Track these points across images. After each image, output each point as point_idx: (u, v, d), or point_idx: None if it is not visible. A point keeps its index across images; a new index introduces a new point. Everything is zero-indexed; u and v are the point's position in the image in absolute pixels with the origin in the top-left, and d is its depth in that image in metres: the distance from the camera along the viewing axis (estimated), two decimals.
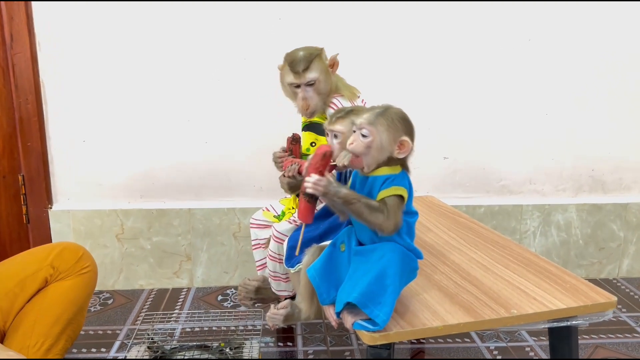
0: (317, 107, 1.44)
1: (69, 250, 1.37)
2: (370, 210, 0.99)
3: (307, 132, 1.50)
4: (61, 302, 1.31)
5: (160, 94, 2.01)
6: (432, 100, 2.09)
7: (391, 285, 0.99)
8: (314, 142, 1.48)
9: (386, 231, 1.00)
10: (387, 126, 1.01)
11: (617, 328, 1.88)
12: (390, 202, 0.99)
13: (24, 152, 2.00)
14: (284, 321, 1.18)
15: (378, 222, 0.99)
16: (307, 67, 1.40)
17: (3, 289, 1.28)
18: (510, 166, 2.18)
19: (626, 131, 2.19)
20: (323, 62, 1.43)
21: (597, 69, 2.12)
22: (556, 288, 1.20)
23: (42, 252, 1.36)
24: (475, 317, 1.08)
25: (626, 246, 2.27)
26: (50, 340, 1.27)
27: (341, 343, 1.76)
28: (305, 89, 1.42)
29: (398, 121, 1.02)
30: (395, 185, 1.00)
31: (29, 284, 1.31)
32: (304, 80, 1.41)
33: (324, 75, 1.42)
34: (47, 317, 1.28)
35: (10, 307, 1.28)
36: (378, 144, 1.01)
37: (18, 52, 1.92)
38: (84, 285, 1.37)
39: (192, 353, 1.59)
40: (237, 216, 2.10)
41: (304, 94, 1.43)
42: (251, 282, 1.68)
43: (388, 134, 1.01)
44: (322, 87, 1.42)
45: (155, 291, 2.13)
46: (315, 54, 1.42)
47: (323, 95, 1.43)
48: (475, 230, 1.55)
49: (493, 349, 1.74)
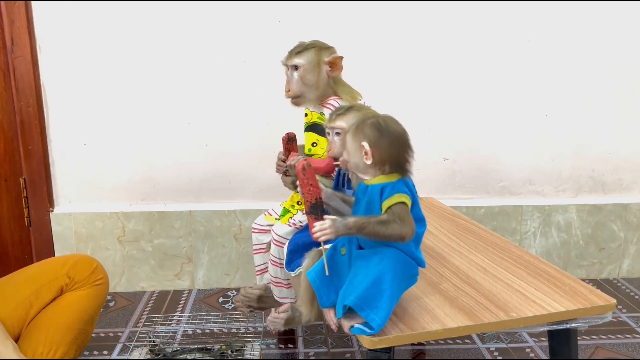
0: (297, 93, 1.44)
1: (83, 262, 1.41)
2: (384, 226, 0.99)
3: (309, 133, 1.51)
4: (75, 310, 1.35)
5: (160, 97, 2.02)
6: (432, 101, 2.10)
7: (388, 290, 1.00)
8: (315, 143, 1.49)
9: (407, 238, 1.00)
10: (353, 132, 1.05)
11: (618, 329, 1.89)
12: (397, 209, 1.00)
13: (25, 156, 2.01)
14: (285, 325, 1.19)
15: (396, 232, 0.99)
16: (299, 52, 1.43)
17: (20, 296, 1.32)
18: (510, 167, 2.19)
19: (626, 131, 2.19)
20: (318, 55, 1.43)
21: (597, 70, 2.12)
22: (555, 291, 1.20)
23: (57, 263, 1.41)
24: (474, 320, 1.08)
25: (626, 246, 2.27)
26: (63, 347, 1.29)
27: (342, 345, 1.77)
28: (291, 72, 1.44)
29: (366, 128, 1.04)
30: (396, 193, 1.00)
31: (44, 292, 1.35)
32: (289, 62, 1.43)
33: (311, 66, 1.42)
34: (60, 325, 1.31)
35: (25, 314, 1.31)
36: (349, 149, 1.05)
37: (19, 56, 1.93)
38: (97, 295, 1.41)
39: (193, 356, 1.60)
40: (238, 218, 2.11)
41: (288, 77, 1.45)
42: (253, 290, 1.67)
43: (353, 140, 1.05)
44: (306, 77, 1.43)
45: (157, 293, 2.14)
46: (316, 46, 1.44)
47: (309, 86, 1.44)
48: (475, 232, 1.56)
49: (493, 350, 1.74)
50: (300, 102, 1.47)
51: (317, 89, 1.44)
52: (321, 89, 1.45)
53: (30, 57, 1.93)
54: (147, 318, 1.93)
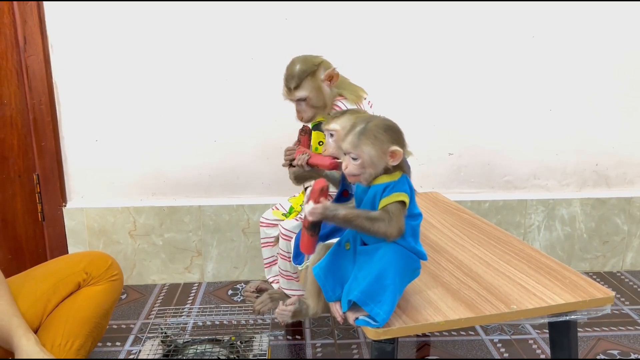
0: (311, 117, 1.49)
1: (99, 258, 1.47)
2: (371, 222, 1.02)
3: (316, 132, 1.55)
4: (92, 304, 1.40)
5: (170, 94, 2.05)
6: (437, 97, 2.12)
7: (391, 285, 1.03)
8: (321, 142, 1.52)
9: (391, 237, 1.03)
10: (371, 143, 1.03)
11: (620, 321, 1.91)
12: (392, 208, 1.03)
13: (38, 152, 2.05)
14: (293, 317, 1.22)
15: (381, 230, 1.02)
16: (297, 86, 1.44)
17: (38, 290, 1.37)
18: (515, 162, 2.21)
19: (629, 126, 2.21)
20: (316, 80, 1.45)
21: (600, 65, 2.14)
22: (555, 284, 1.23)
23: (74, 259, 1.46)
24: (476, 312, 1.12)
25: (630, 240, 2.29)
26: (80, 339, 1.34)
27: (348, 336, 1.81)
28: (298, 103, 1.47)
29: (381, 133, 1.04)
30: (395, 192, 1.03)
31: (62, 287, 1.40)
32: (294, 98, 1.46)
33: (315, 93, 1.45)
34: (78, 318, 1.36)
35: (43, 308, 1.36)
36: (368, 161, 1.04)
37: (31, 55, 1.97)
38: (113, 291, 1.47)
39: (204, 347, 1.64)
40: (246, 212, 2.15)
41: (297, 107, 1.49)
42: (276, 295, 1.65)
43: (374, 149, 1.03)
44: (314, 102, 1.46)
45: (168, 286, 2.18)
46: (309, 72, 1.44)
47: (318, 108, 1.48)
48: (478, 226, 1.59)
49: (497, 342, 1.78)
50: (313, 119, 1.51)
51: (326, 104, 1.49)
52: (329, 101, 1.49)
53: (42, 56, 1.98)
54: (159, 310, 1.98)
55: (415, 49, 2.07)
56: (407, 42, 2.06)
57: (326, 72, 1.46)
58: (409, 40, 2.06)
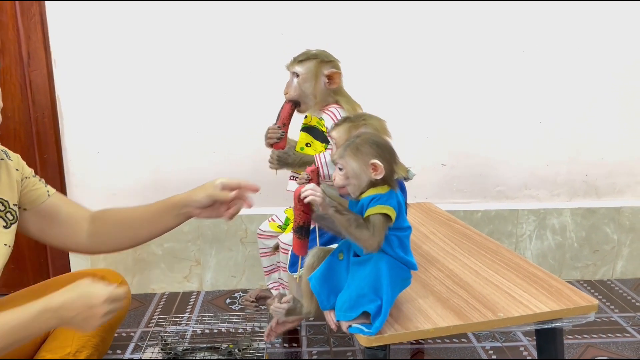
0: (294, 96, 1.54)
1: (111, 275, 1.50)
2: (357, 224, 1.06)
3: (304, 133, 1.60)
4: None
5: (169, 107, 2.10)
6: (429, 109, 2.17)
7: (384, 295, 1.08)
8: (309, 144, 1.58)
9: (369, 248, 1.07)
10: (353, 155, 1.09)
11: (609, 328, 1.96)
12: (375, 220, 1.06)
13: (41, 164, 2.10)
14: (286, 315, 1.26)
15: (363, 237, 1.06)
16: (301, 60, 1.52)
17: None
18: (506, 172, 2.26)
19: (618, 137, 2.26)
20: (317, 67, 1.52)
21: (589, 78, 2.19)
22: (542, 292, 1.28)
23: (86, 274, 1.48)
24: (464, 320, 1.16)
25: (620, 248, 2.34)
26: (88, 350, 1.37)
27: (344, 344, 1.85)
28: (292, 77, 1.54)
29: (365, 147, 1.09)
30: (380, 204, 1.07)
31: None
32: (291, 69, 1.54)
33: (309, 76, 1.52)
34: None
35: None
36: (352, 172, 1.09)
37: (35, 70, 2.02)
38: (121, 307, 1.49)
39: (202, 354, 1.68)
40: (244, 222, 2.20)
41: (288, 81, 1.56)
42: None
43: (356, 161, 1.09)
44: (304, 85, 1.52)
45: (167, 295, 2.22)
46: (319, 58, 1.53)
47: (306, 94, 1.53)
48: (470, 236, 1.64)
49: (489, 349, 1.82)
50: (302, 109, 1.58)
51: (315, 97, 1.54)
52: (319, 98, 1.54)
53: (45, 71, 2.02)
54: (158, 319, 2.02)
55: (408, 62, 2.13)
56: (401, 55, 2.12)
57: (330, 70, 1.53)
58: (403, 53, 2.12)
